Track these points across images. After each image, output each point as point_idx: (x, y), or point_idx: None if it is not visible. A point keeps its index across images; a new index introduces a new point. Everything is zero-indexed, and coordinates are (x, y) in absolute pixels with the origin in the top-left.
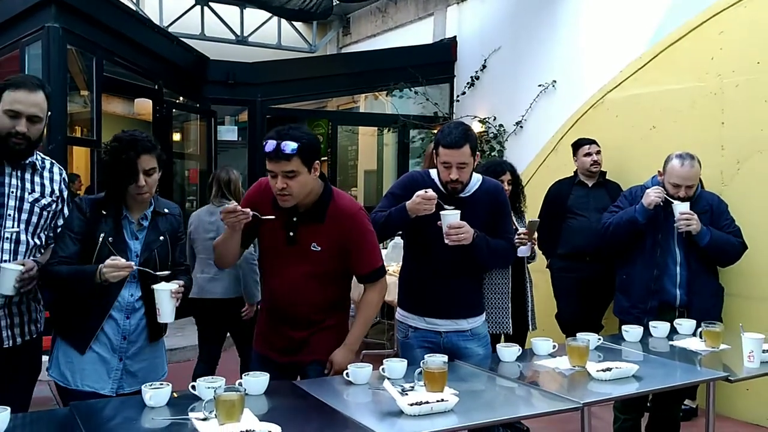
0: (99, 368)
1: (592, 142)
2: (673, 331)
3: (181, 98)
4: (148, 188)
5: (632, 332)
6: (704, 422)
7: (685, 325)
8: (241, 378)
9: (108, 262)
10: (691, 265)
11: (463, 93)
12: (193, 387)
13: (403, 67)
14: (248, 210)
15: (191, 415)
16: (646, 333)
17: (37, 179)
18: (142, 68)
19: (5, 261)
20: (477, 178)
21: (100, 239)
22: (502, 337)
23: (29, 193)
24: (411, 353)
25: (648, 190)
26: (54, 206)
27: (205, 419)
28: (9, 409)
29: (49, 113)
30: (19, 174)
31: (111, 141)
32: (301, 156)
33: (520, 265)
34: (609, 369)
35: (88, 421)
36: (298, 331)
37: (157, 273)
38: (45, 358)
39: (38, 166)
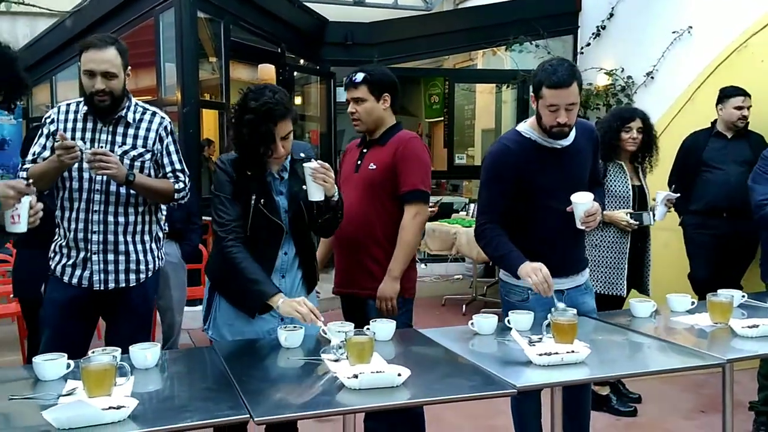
0: (259, 330)
1: (745, 94)
2: None
3: (302, 61)
4: (285, 152)
5: None
6: None
7: None
8: None
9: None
10: None
11: (588, 44)
12: (324, 331)
13: (523, 20)
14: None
15: (324, 356)
16: None
17: (130, 132)
18: (266, 32)
19: (95, 211)
20: None
21: (252, 203)
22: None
23: (119, 146)
24: None
25: None
26: (148, 156)
27: (336, 360)
28: (159, 345)
29: (129, 68)
30: (110, 129)
31: (243, 108)
32: (367, 85)
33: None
34: (756, 326)
35: (229, 359)
36: (355, 260)
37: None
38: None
39: (132, 120)
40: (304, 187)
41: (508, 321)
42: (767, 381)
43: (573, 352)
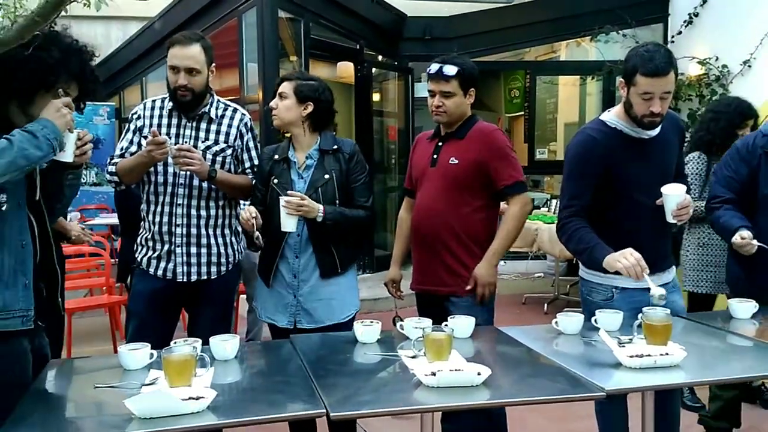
0: (277, 303)
1: None
2: None
3: (380, 57)
4: (277, 111)
5: None
6: None
7: None
8: None
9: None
10: None
11: (679, 32)
12: (401, 327)
13: (610, 9)
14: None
15: (400, 352)
16: None
17: (213, 128)
18: (345, 29)
19: (179, 204)
20: None
21: (271, 180)
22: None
23: (202, 141)
24: None
25: (745, 243)
26: (229, 152)
27: (414, 357)
28: (238, 336)
29: (213, 65)
30: (194, 124)
31: None
32: (459, 79)
33: None
34: None
35: (306, 353)
36: (434, 257)
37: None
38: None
39: (215, 116)
40: (325, 176)
41: (595, 320)
42: (721, 390)
43: (667, 354)
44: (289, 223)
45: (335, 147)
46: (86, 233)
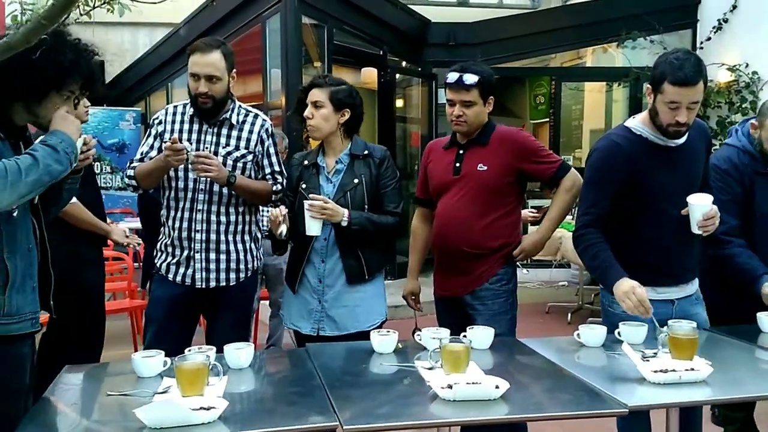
0: (301, 309)
1: None
2: None
3: (404, 63)
4: (314, 122)
5: None
6: None
7: None
8: None
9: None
10: None
11: (708, 39)
12: (419, 337)
13: (637, 15)
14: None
15: (417, 363)
16: None
17: (234, 133)
18: (369, 35)
19: (199, 210)
20: None
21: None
22: None
23: (223, 147)
24: None
25: None
26: (250, 157)
27: (431, 368)
28: (252, 345)
29: (234, 71)
30: (215, 130)
31: None
32: (479, 88)
33: None
34: None
35: (322, 363)
36: (459, 265)
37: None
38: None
39: (236, 122)
40: (355, 180)
41: (619, 333)
42: (730, 411)
43: (693, 369)
44: (313, 227)
45: (366, 152)
46: (132, 237)
